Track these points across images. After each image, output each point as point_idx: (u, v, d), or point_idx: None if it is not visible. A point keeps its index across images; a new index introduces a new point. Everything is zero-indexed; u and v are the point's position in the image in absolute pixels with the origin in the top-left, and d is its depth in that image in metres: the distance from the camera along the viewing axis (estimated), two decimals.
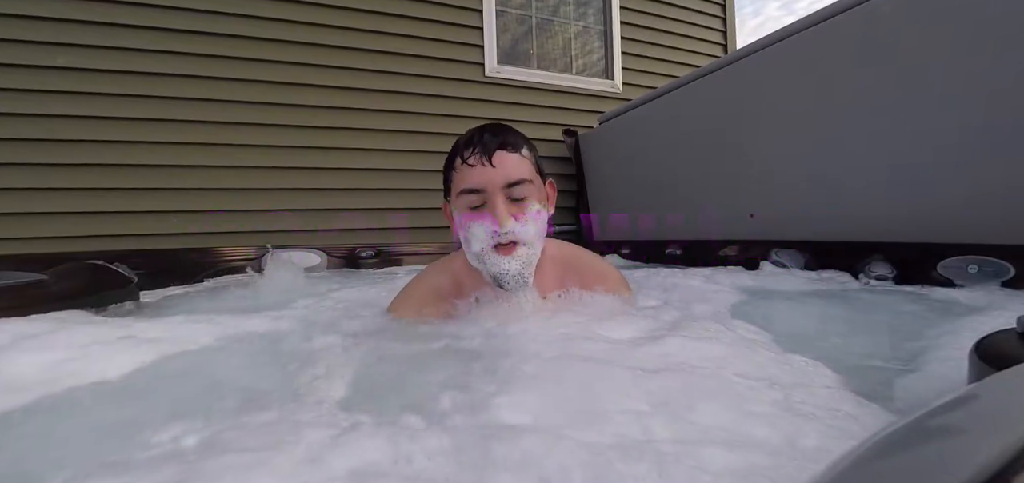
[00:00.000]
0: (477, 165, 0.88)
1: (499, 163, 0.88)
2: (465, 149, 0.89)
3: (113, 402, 0.66)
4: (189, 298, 1.77)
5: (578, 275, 1.06)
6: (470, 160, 0.88)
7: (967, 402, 0.33)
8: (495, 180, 0.87)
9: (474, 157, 0.88)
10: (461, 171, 0.90)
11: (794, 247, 1.90)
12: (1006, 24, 1.30)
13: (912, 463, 0.27)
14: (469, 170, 0.88)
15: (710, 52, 4.22)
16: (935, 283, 1.43)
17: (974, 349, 0.58)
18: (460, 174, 0.90)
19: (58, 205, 2.43)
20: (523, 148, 0.93)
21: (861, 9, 1.61)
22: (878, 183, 1.66)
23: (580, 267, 1.08)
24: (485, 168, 0.87)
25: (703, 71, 2.34)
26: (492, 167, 0.87)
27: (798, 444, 0.47)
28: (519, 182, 0.89)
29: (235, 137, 2.75)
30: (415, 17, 3.14)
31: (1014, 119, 1.31)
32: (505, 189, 0.88)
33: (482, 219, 0.89)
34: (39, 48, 2.38)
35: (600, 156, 3.19)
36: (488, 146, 0.88)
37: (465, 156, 0.89)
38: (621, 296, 1.07)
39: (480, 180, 0.88)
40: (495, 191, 0.88)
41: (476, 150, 0.88)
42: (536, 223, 0.91)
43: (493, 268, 0.90)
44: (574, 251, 1.11)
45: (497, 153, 0.88)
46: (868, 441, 0.29)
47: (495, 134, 0.90)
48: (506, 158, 0.88)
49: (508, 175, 0.88)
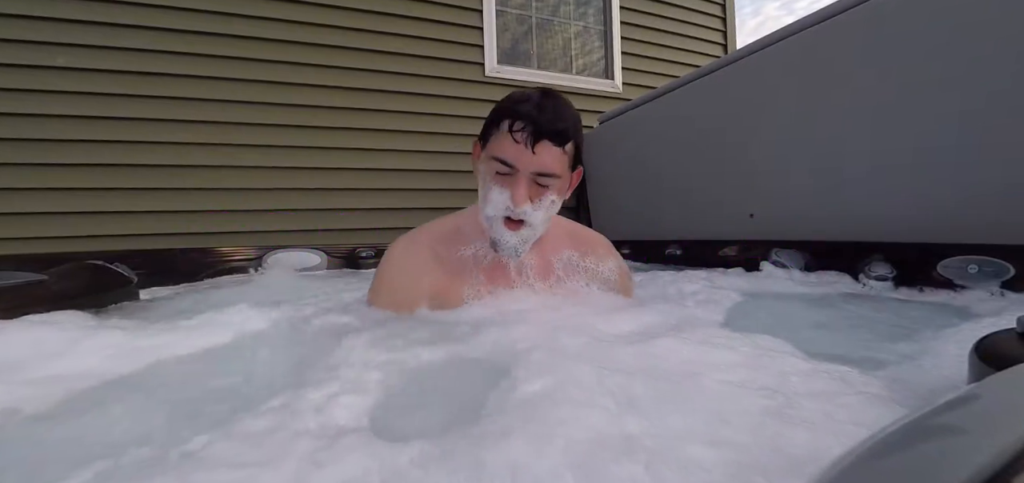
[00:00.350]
0: (520, 144, 0.88)
1: (540, 152, 0.89)
2: (517, 120, 0.89)
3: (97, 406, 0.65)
4: (189, 298, 1.77)
5: (573, 240, 1.13)
6: (516, 135, 0.88)
7: (967, 402, 0.33)
8: (528, 165, 0.89)
9: (521, 135, 0.88)
10: (503, 138, 0.90)
11: (794, 247, 1.89)
12: (1006, 24, 1.30)
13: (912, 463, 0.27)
14: (511, 143, 0.89)
15: (710, 52, 4.22)
16: (935, 283, 1.42)
17: (974, 349, 0.58)
18: (501, 140, 0.91)
19: (58, 205, 2.43)
20: (568, 144, 0.93)
21: (861, 9, 1.61)
22: (878, 183, 1.66)
23: (576, 234, 1.15)
24: (524, 150, 0.88)
25: (703, 71, 2.34)
26: (532, 153, 0.88)
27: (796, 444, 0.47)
28: (548, 175, 0.91)
29: (235, 137, 2.75)
30: (415, 17, 3.14)
31: (1013, 119, 1.31)
32: (533, 175, 0.91)
33: (503, 189, 0.91)
34: (39, 48, 2.38)
35: (600, 156, 3.19)
36: (538, 132, 0.88)
37: (513, 127, 0.89)
38: (618, 295, 1.11)
39: (515, 158, 0.89)
40: (524, 174, 0.90)
41: (526, 130, 0.88)
42: (546, 212, 0.95)
43: (496, 235, 0.95)
44: (572, 223, 1.19)
45: (542, 142, 0.88)
46: (868, 441, 0.29)
47: (553, 119, 0.89)
48: (547, 150, 0.89)
49: (541, 165, 0.90)
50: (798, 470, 0.42)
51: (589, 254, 1.11)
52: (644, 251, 2.65)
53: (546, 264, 1.06)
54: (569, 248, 1.11)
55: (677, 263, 2.32)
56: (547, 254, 1.07)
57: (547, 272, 1.06)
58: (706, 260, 2.11)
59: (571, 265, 1.09)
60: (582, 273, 1.09)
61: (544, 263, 1.06)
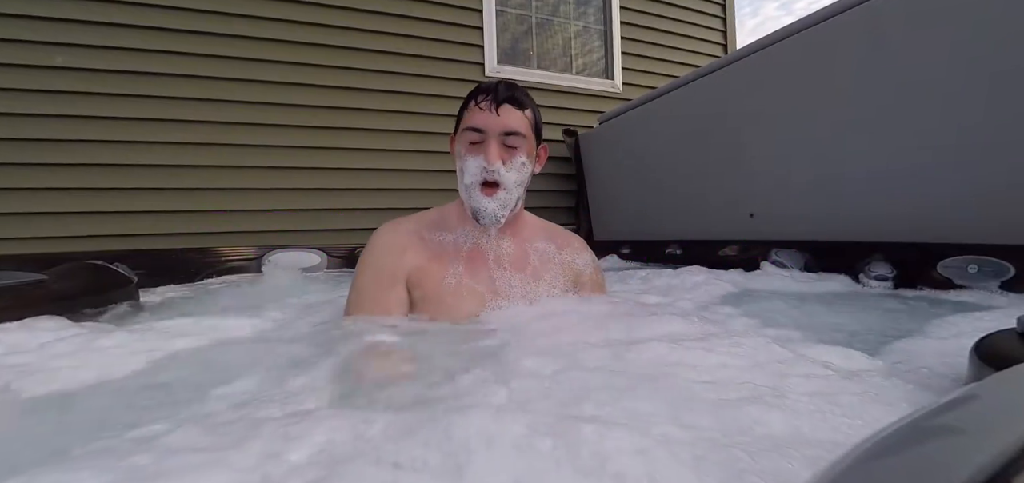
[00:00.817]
0: (486, 110, 1.02)
1: (503, 113, 1.02)
2: (479, 94, 1.04)
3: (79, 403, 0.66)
4: (188, 298, 1.77)
5: (549, 235, 1.20)
6: (481, 104, 1.03)
7: (967, 402, 0.33)
8: (495, 126, 1.01)
9: (485, 102, 1.03)
10: (471, 111, 1.04)
11: (794, 247, 1.90)
12: (1006, 24, 1.30)
13: (912, 463, 0.27)
14: (478, 112, 1.03)
15: (710, 52, 4.22)
16: (935, 283, 1.43)
17: (974, 349, 0.58)
18: (470, 113, 1.05)
19: (58, 205, 2.43)
20: (527, 109, 1.06)
21: (861, 9, 1.61)
22: (878, 183, 1.66)
23: (552, 231, 1.22)
24: (490, 114, 1.02)
25: (703, 71, 2.34)
26: (496, 115, 1.01)
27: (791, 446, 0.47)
28: (514, 133, 1.03)
29: (235, 137, 2.75)
30: (415, 17, 3.14)
31: (1014, 119, 1.31)
32: (501, 135, 1.02)
33: (477, 156, 1.02)
34: (39, 48, 2.38)
35: (600, 156, 3.19)
36: (498, 96, 1.02)
37: (478, 99, 1.04)
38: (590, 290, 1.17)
39: (483, 122, 1.02)
40: (492, 135, 1.02)
41: (488, 97, 1.03)
42: (518, 173, 1.04)
43: (474, 203, 1.04)
44: (549, 223, 1.26)
45: (504, 105, 1.02)
46: (868, 441, 0.29)
47: (507, 89, 1.05)
48: (510, 111, 1.03)
49: (507, 125, 1.02)
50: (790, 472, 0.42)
51: (565, 248, 1.18)
52: (644, 251, 2.65)
53: (523, 253, 1.12)
54: (545, 241, 1.17)
55: (677, 263, 2.32)
56: (524, 243, 1.14)
57: (524, 262, 1.12)
58: (706, 260, 2.11)
59: (547, 257, 1.14)
60: (558, 265, 1.14)
61: (521, 252, 1.12)
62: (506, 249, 1.10)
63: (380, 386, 0.68)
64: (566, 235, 1.23)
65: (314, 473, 0.42)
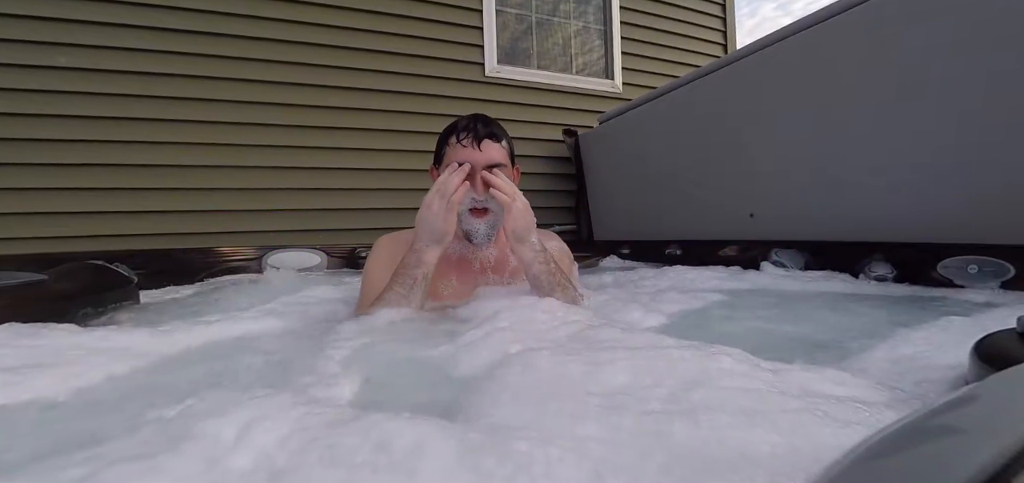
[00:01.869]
0: (468, 147, 1.17)
1: (484, 149, 1.17)
2: (462, 132, 1.19)
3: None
4: (188, 299, 1.77)
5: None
6: (463, 142, 1.17)
7: (967, 402, 0.33)
8: (480, 161, 1.16)
9: (467, 139, 1.17)
10: (455, 148, 1.18)
11: (794, 247, 1.90)
12: (1006, 24, 1.30)
13: (912, 463, 0.27)
14: (461, 149, 1.17)
15: (710, 52, 4.22)
16: (935, 283, 1.43)
17: (974, 349, 0.58)
18: (454, 150, 1.18)
19: (58, 205, 2.43)
20: (503, 140, 1.22)
21: (862, 9, 1.61)
22: (878, 183, 1.66)
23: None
24: (473, 150, 1.16)
25: (703, 71, 2.34)
26: (479, 150, 1.16)
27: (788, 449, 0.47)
28: (497, 165, 1.17)
29: (235, 137, 2.75)
30: (415, 17, 3.14)
31: (1014, 119, 1.31)
32: (485, 168, 1.16)
33: (465, 187, 1.15)
34: (39, 48, 2.38)
35: (600, 156, 3.19)
36: (479, 133, 1.17)
37: (460, 137, 1.18)
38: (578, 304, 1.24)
39: (467, 157, 1.16)
40: (477, 169, 1.16)
41: (469, 134, 1.17)
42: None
43: (467, 226, 1.19)
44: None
45: (484, 141, 1.17)
46: (868, 441, 0.29)
47: (485, 125, 1.20)
48: (490, 146, 1.18)
49: (489, 158, 1.17)
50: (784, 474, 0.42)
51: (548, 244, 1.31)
52: (644, 251, 2.65)
53: (503, 257, 1.29)
54: None
55: (677, 263, 2.32)
56: (504, 249, 1.28)
57: (503, 266, 1.29)
58: (706, 260, 2.11)
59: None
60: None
61: (502, 256, 1.29)
62: (488, 256, 1.27)
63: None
64: (545, 234, 1.35)
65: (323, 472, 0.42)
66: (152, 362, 0.82)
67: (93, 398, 0.68)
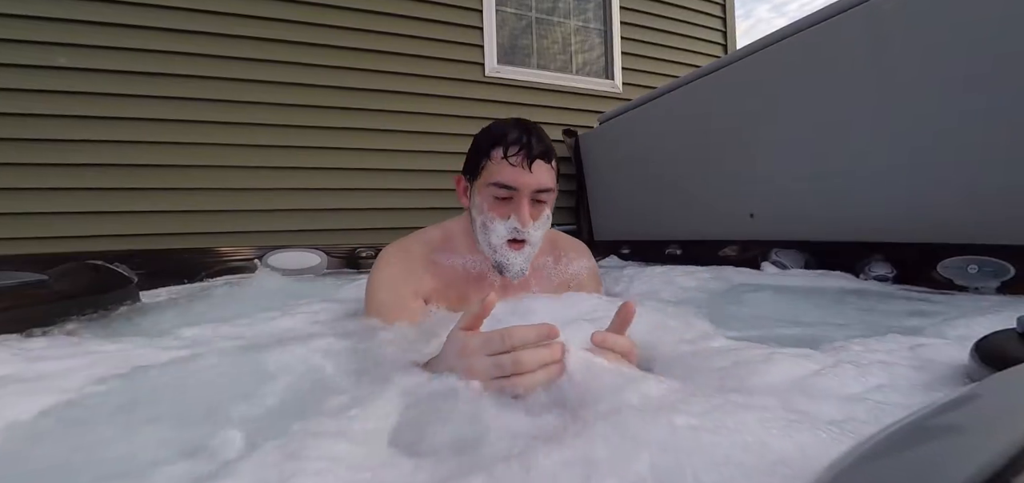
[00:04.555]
0: (518, 166, 0.94)
1: (536, 171, 0.95)
2: (511, 147, 0.95)
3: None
4: (188, 299, 1.77)
5: (551, 245, 1.19)
6: (512, 159, 0.94)
7: (967, 402, 0.33)
8: (528, 184, 0.95)
9: (516, 158, 0.94)
10: (499, 164, 0.95)
11: (794, 247, 1.90)
12: (1006, 24, 1.30)
13: (912, 463, 0.27)
14: (508, 168, 0.95)
15: (710, 52, 4.22)
16: (935, 283, 1.43)
17: (974, 349, 0.58)
18: (497, 167, 0.96)
19: (58, 205, 2.43)
20: (553, 159, 1.01)
21: (862, 9, 1.61)
22: (878, 183, 1.66)
23: (557, 242, 1.22)
24: (522, 171, 0.94)
25: (703, 71, 2.34)
26: (529, 172, 0.95)
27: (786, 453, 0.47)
28: (547, 190, 0.98)
29: (235, 137, 2.75)
30: (415, 17, 3.14)
31: (1013, 119, 1.31)
32: (533, 194, 0.97)
33: (506, 216, 0.97)
34: (39, 48, 2.38)
35: (600, 156, 3.19)
36: (532, 151, 0.95)
37: (508, 153, 0.95)
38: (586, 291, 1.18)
39: (516, 180, 0.95)
40: (525, 194, 0.96)
41: (520, 152, 0.94)
42: (544, 226, 1.02)
43: (501, 258, 0.99)
44: (555, 232, 1.23)
45: (537, 161, 0.95)
46: (868, 441, 0.29)
47: (539, 140, 0.97)
48: (542, 168, 0.97)
49: (540, 182, 0.96)
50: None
51: (562, 258, 1.18)
52: (644, 251, 2.65)
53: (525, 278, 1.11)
54: (546, 254, 1.17)
55: (677, 263, 2.32)
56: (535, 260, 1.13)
57: (525, 283, 1.11)
58: (706, 260, 2.11)
59: (544, 273, 1.16)
60: (554, 276, 1.17)
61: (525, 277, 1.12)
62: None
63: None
64: (566, 245, 1.22)
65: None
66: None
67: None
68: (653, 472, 0.39)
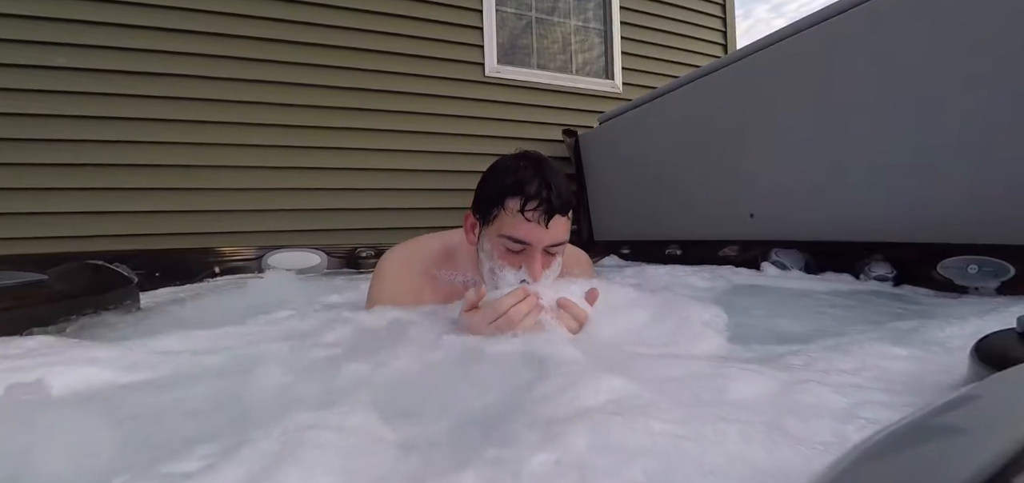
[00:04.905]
0: (533, 222, 0.89)
1: (553, 227, 0.90)
2: (529, 200, 0.88)
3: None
4: (188, 299, 1.77)
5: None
6: (529, 214, 0.88)
7: (967, 402, 0.33)
8: (544, 240, 0.91)
9: (536, 214, 0.88)
10: (514, 217, 0.90)
11: (794, 247, 1.90)
12: (1006, 24, 1.30)
13: (912, 463, 0.27)
14: (523, 222, 0.89)
15: (710, 52, 4.22)
16: (935, 283, 1.43)
17: (974, 349, 0.58)
18: (511, 219, 0.90)
19: (58, 205, 2.43)
20: (570, 210, 0.95)
21: (861, 9, 1.61)
22: (878, 183, 1.66)
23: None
24: (539, 228, 0.89)
25: (703, 71, 2.34)
26: (546, 229, 0.89)
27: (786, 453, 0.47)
28: (559, 244, 0.94)
29: (235, 137, 2.75)
30: (415, 17, 3.14)
31: (1014, 119, 1.31)
32: (546, 249, 0.93)
33: (516, 266, 0.93)
34: (39, 48, 2.38)
35: (600, 156, 3.19)
36: (551, 208, 0.89)
37: (525, 209, 0.88)
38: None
39: (531, 236, 0.90)
40: (539, 249, 0.91)
41: (539, 208, 0.88)
42: (554, 274, 0.97)
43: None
44: None
45: (555, 220, 0.90)
46: (868, 441, 0.29)
47: (558, 194, 0.90)
48: (559, 223, 0.92)
49: (554, 238, 0.92)
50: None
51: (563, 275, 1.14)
52: (644, 251, 2.65)
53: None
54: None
55: (677, 263, 2.32)
56: None
57: None
58: (706, 260, 2.11)
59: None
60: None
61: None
62: None
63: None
64: (569, 258, 1.18)
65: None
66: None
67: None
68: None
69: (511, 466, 0.42)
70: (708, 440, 0.46)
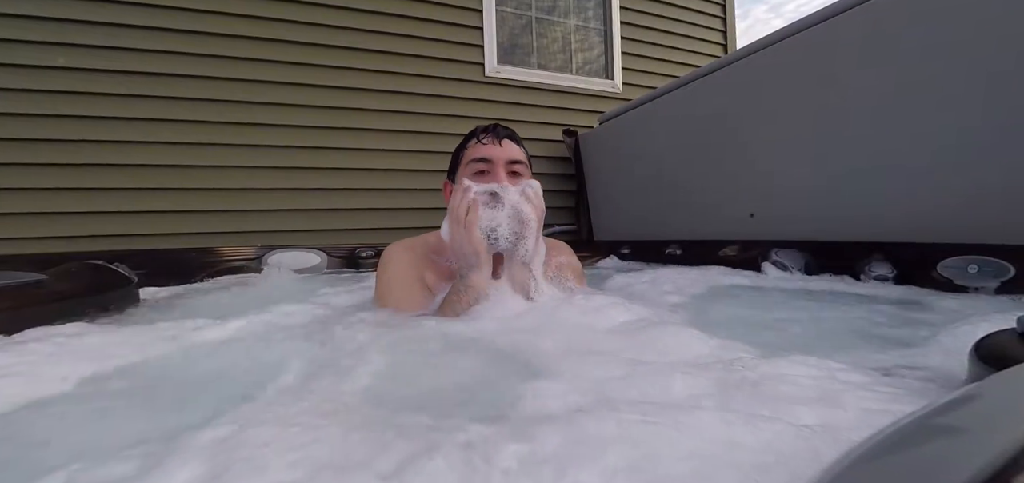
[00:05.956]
0: (489, 143, 1.15)
1: (505, 146, 1.15)
2: (482, 133, 1.17)
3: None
4: (188, 299, 1.77)
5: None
6: (484, 139, 1.16)
7: (967, 402, 0.33)
8: (501, 156, 1.14)
9: (487, 137, 1.16)
10: (474, 146, 1.16)
11: (794, 247, 1.90)
12: (1006, 24, 1.30)
13: (912, 463, 0.27)
14: (482, 146, 1.15)
15: (710, 52, 4.22)
16: (935, 283, 1.42)
17: (974, 349, 0.58)
18: (473, 149, 1.16)
19: (58, 205, 2.43)
20: (522, 146, 1.20)
21: (861, 9, 1.61)
22: (878, 183, 1.66)
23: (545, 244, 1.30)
24: (495, 147, 1.15)
25: (703, 71, 2.34)
26: (500, 147, 1.15)
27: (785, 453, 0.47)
28: (518, 162, 1.16)
29: (235, 137, 2.75)
30: (415, 17, 3.14)
31: (1014, 119, 1.31)
32: (507, 164, 1.14)
33: (487, 182, 1.12)
34: (39, 48, 2.38)
35: (600, 156, 3.19)
36: (499, 133, 1.17)
37: (481, 137, 1.16)
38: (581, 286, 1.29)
39: (490, 154, 1.14)
40: (499, 163, 1.13)
41: (490, 134, 1.16)
42: (521, 188, 1.14)
43: (487, 223, 1.11)
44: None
45: (505, 140, 1.16)
46: (868, 441, 0.29)
47: (504, 128, 1.19)
48: (511, 145, 1.17)
49: (511, 154, 1.15)
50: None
51: (551, 254, 1.28)
52: (644, 251, 2.65)
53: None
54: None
55: (677, 263, 2.32)
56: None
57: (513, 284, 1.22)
58: (707, 260, 2.11)
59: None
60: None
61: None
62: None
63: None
64: (549, 244, 1.31)
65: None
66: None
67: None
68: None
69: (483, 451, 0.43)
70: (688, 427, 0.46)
